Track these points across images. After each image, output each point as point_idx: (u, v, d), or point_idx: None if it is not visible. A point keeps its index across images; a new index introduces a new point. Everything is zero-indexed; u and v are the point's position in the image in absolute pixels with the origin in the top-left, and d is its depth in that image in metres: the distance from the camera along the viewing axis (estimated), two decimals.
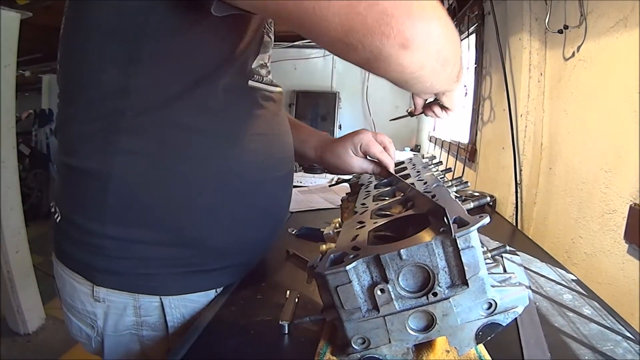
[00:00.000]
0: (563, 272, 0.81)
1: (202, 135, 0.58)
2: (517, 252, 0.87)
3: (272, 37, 0.69)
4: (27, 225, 2.24)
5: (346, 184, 0.91)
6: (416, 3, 0.41)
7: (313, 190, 1.48)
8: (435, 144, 2.70)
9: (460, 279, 0.42)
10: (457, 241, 0.40)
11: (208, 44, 0.56)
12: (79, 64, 0.57)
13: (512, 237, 1.03)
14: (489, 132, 1.58)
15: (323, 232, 0.74)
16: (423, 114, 0.77)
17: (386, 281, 0.42)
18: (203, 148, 0.59)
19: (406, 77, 0.47)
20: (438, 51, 0.45)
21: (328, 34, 0.41)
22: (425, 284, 0.42)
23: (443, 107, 0.71)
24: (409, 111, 0.81)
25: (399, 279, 0.42)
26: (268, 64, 0.68)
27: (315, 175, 2.31)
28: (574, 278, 0.78)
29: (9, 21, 1.87)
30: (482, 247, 0.42)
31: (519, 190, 1.23)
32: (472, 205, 0.53)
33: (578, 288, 0.73)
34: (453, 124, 2.25)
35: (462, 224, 0.41)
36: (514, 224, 1.27)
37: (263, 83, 0.65)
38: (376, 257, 0.41)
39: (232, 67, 0.59)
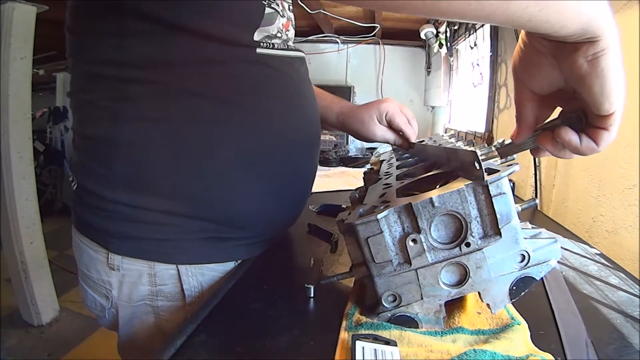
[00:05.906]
0: (586, 246, 0.80)
1: (207, 101, 0.57)
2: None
3: (280, 9, 0.64)
4: (41, 221, 2.21)
5: (364, 169, 0.91)
6: None
7: (331, 175, 1.48)
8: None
9: (492, 229, 0.41)
10: (489, 187, 0.39)
11: (196, 13, 0.55)
12: (78, 37, 0.61)
13: (532, 217, 1.02)
14: (505, 119, 1.58)
15: (344, 207, 0.73)
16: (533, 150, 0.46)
17: (418, 231, 0.42)
18: (209, 114, 0.58)
19: None
20: None
21: None
22: (458, 235, 0.42)
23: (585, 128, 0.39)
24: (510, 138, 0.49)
25: (431, 229, 0.42)
26: (280, 35, 0.64)
27: (330, 168, 2.30)
28: (598, 252, 0.77)
29: (25, 14, 1.89)
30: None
31: (537, 173, 1.22)
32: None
33: (603, 260, 0.72)
34: (469, 115, 2.22)
35: (492, 172, 0.40)
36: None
37: (276, 49, 0.63)
38: (408, 206, 0.41)
39: (226, 37, 0.57)
